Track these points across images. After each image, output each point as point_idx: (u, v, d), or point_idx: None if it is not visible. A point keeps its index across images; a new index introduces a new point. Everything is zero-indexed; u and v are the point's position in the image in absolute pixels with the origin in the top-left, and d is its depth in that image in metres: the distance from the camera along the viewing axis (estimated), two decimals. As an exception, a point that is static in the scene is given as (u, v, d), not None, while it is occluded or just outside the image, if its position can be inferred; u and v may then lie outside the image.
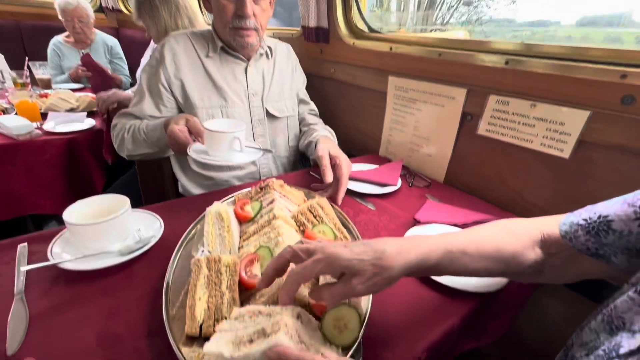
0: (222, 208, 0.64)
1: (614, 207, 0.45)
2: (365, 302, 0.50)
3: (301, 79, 1.30)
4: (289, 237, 0.58)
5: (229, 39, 1.04)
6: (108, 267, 0.57)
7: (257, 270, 0.54)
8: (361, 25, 1.29)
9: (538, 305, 0.89)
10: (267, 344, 0.33)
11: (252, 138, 1.14)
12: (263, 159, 1.19)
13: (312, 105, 1.32)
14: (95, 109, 1.71)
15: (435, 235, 0.47)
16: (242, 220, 0.68)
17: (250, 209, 0.68)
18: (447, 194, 0.98)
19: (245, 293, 0.52)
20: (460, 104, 0.96)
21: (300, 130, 1.26)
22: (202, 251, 0.60)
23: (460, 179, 1.03)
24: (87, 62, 2.11)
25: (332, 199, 0.85)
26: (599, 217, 0.46)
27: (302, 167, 1.36)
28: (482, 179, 0.97)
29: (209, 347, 0.37)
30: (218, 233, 0.61)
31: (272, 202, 0.68)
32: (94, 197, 0.65)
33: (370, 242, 0.42)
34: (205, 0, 1.06)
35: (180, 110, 1.09)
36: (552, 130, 0.79)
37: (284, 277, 0.45)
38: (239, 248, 0.62)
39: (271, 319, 0.36)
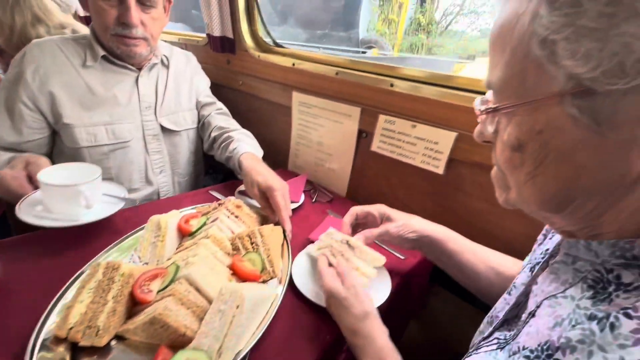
0: (162, 218, 0.64)
1: None
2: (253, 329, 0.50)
3: (203, 84, 1.20)
4: (202, 260, 0.56)
5: (111, 47, 0.91)
6: None
7: (156, 286, 0.52)
8: (267, 38, 1.28)
9: (431, 312, 0.97)
10: None
11: (146, 155, 1.03)
12: (161, 177, 1.09)
13: (219, 105, 1.20)
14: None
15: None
16: (183, 233, 0.67)
17: (194, 223, 0.68)
18: (347, 208, 1.00)
19: (138, 306, 0.51)
20: (356, 122, 1.00)
21: (210, 135, 1.12)
22: (132, 255, 0.64)
23: (360, 192, 1.08)
24: None
25: None
26: None
27: (206, 181, 1.29)
28: (379, 193, 1.03)
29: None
30: (152, 241, 0.63)
31: (214, 220, 0.68)
32: None
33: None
34: None
35: (53, 132, 0.93)
36: (429, 148, 0.87)
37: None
38: (167, 259, 0.62)
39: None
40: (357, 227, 0.73)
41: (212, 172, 1.42)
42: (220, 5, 1.22)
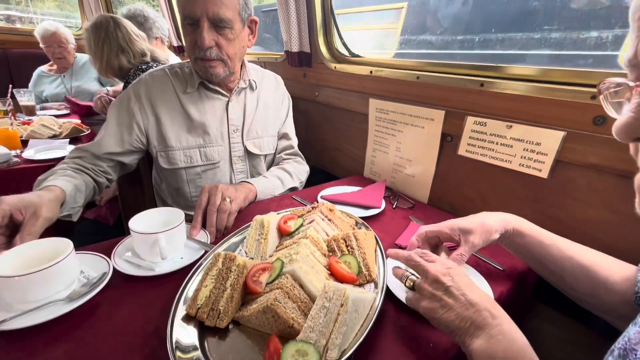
0: (265, 218, 0.70)
1: None
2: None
3: (288, 112, 1.23)
4: (304, 258, 0.59)
5: (196, 70, 0.98)
6: (56, 317, 0.52)
7: (264, 278, 0.56)
8: (342, 49, 1.32)
9: (534, 334, 0.86)
10: None
11: (232, 174, 1.11)
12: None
13: (294, 142, 1.23)
14: (78, 135, 1.69)
15: None
16: (283, 232, 0.72)
17: (292, 224, 0.73)
18: (430, 215, 0.96)
19: (249, 296, 0.56)
20: (440, 125, 0.96)
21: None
22: (240, 249, 0.69)
23: (444, 199, 1.02)
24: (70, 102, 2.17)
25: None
26: None
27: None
28: (466, 199, 0.97)
29: None
30: (256, 239, 0.69)
31: (311, 222, 0.72)
32: (32, 243, 0.60)
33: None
34: None
35: (147, 153, 1.04)
36: (529, 150, 0.79)
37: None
38: (270, 256, 0.67)
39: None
40: (427, 244, 0.68)
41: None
42: (299, 22, 1.30)
